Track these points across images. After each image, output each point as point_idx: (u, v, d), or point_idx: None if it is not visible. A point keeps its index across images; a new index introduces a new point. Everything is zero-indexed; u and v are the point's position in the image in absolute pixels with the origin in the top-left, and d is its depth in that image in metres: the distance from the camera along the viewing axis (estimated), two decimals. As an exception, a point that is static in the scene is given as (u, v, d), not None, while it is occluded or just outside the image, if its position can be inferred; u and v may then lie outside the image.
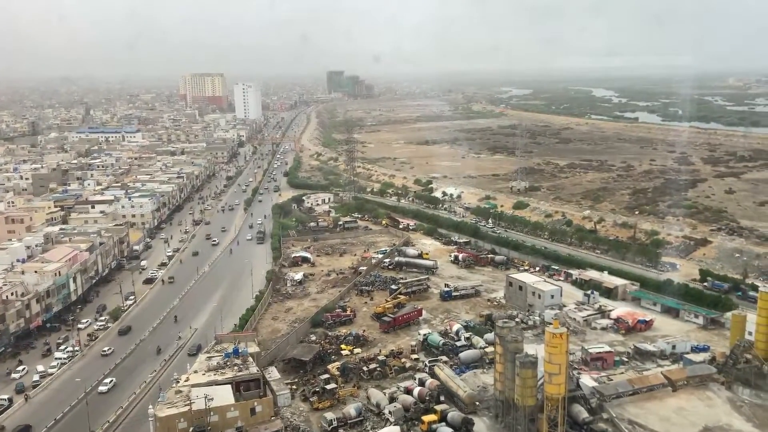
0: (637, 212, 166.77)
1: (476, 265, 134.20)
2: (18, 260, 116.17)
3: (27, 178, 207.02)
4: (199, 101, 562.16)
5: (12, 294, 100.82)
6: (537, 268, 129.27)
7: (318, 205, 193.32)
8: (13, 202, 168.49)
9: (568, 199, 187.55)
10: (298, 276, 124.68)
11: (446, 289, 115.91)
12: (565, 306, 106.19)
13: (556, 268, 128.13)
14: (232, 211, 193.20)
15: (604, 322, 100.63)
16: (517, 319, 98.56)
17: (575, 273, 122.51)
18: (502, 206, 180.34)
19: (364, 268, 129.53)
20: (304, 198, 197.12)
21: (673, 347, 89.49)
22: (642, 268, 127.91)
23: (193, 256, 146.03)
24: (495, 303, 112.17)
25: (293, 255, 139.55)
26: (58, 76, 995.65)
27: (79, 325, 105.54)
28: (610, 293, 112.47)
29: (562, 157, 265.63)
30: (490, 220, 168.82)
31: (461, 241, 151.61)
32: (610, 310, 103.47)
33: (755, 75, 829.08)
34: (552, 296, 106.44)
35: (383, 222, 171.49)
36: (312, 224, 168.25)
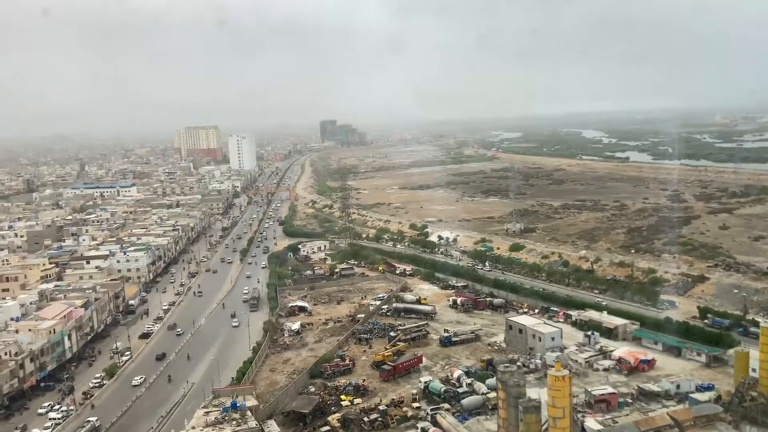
0: (633, 251, 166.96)
1: (475, 309, 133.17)
2: (12, 319, 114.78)
3: (22, 236, 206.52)
4: (194, 154, 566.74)
5: (6, 354, 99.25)
6: (536, 310, 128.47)
7: (314, 252, 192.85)
8: (7, 260, 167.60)
9: (564, 239, 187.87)
10: (296, 326, 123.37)
11: (446, 334, 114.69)
12: (566, 348, 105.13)
13: (555, 309, 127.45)
14: (229, 264, 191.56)
15: (606, 363, 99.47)
16: (518, 363, 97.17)
17: (574, 314, 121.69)
18: (498, 249, 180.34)
19: (362, 315, 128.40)
20: (299, 246, 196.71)
21: (678, 387, 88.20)
22: (641, 307, 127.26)
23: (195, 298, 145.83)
24: (495, 347, 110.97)
25: (290, 305, 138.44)
26: (53, 134, 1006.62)
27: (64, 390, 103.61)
28: (610, 333, 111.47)
29: (555, 198, 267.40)
30: (486, 263, 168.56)
31: (459, 285, 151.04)
32: (612, 351, 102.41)
33: (741, 112, 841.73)
34: (552, 338, 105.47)
35: (380, 268, 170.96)
36: (308, 272, 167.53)
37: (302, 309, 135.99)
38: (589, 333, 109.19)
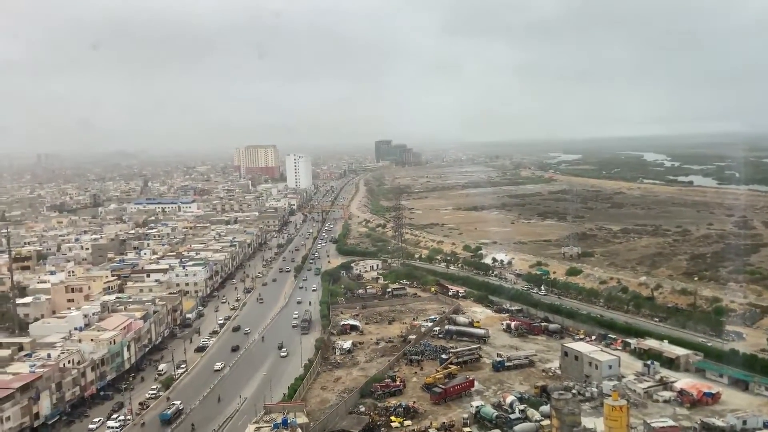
0: (696, 278, 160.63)
1: (529, 333, 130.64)
2: (76, 328, 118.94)
3: (87, 248, 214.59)
4: (253, 172, 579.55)
5: (69, 362, 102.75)
6: (593, 337, 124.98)
7: (366, 271, 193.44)
8: (73, 272, 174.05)
9: (623, 265, 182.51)
10: (347, 344, 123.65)
11: (499, 359, 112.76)
12: (623, 377, 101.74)
13: (613, 336, 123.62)
14: (281, 279, 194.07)
15: (667, 394, 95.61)
16: (573, 391, 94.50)
17: (633, 342, 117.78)
18: (554, 272, 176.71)
19: (414, 336, 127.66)
20: (352, 265, 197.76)
21: (744, 423, 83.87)
22: (704, 338, 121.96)
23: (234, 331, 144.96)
24: (550, 374, 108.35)
25: (342, 323, 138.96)
26: (118, 151, 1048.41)
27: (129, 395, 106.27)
28: (671, 364, 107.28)
29: (614, 222, 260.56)
30: (542, 287, 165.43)
31: (513, 308, 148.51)
32: (673, 382, 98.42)
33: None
34: (610, 366, 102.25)
35: (432, 289, 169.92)
36: (360, 291, 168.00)
37: (354, 328, 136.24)
38: (648, 362, 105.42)
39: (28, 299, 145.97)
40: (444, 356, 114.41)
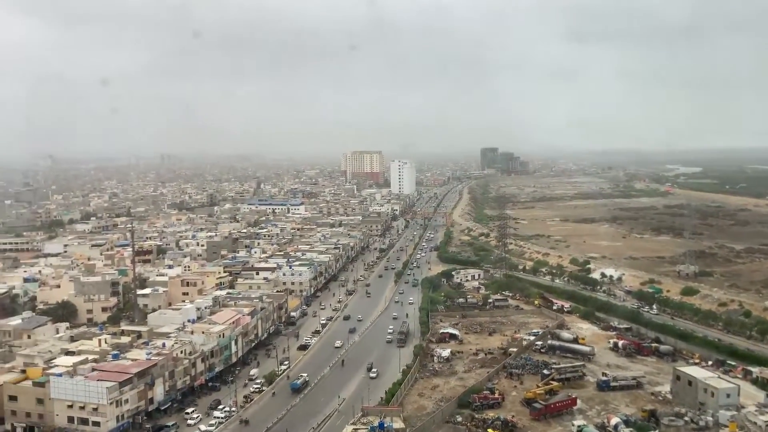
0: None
1: (638, 354, 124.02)
2: (189, 320, 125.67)
3: (202, 245, 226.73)
4: (358, 176, 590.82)
5: (182, 352, 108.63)
6: (709, 363, 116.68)
7: (467, 281, 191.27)
8: (188, 267, 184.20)
9: (746, 287, 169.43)
10: (446, 353, 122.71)
11: (604, 378, 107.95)
12: (743, 407, 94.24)
13: (733, 363, 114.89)
14: (382, 283, 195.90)
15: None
16: (686, 418, 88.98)
17: (755, 371, 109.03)
18: (667, 291, 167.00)
19: (515, 349, 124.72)
20: (453, 273, 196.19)
21: None
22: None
23: (344, 320, 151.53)
24: (660, 398, 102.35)
25: (441, 331, 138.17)
26: (235, 154, 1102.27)
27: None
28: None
29: (738, 240, 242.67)
30: (654, 306, 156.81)
31: (621, 327, 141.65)
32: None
33: None
34: (728, 395, 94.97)
35: (535, 302, 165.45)
36: (461, 300, 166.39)
37: (453, 336, 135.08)
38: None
39: (147, 290, 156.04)
40: (546, 371, 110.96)
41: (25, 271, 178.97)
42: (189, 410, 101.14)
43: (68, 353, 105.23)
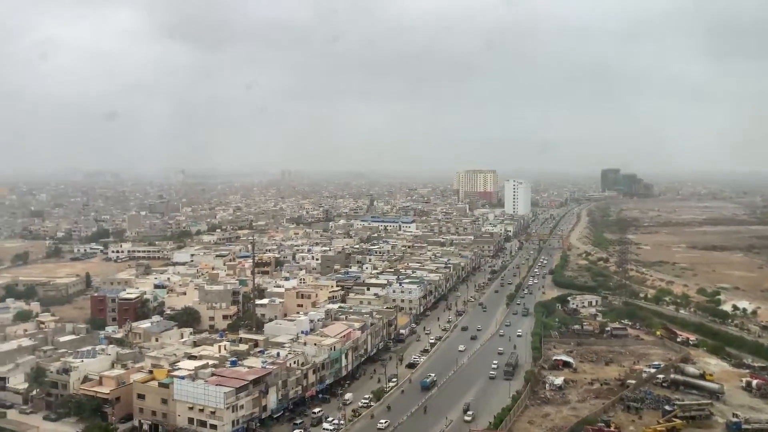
0: None
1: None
2: (302, 332, 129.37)
3: (317, 259, 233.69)
4: (471, 196, 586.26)
5: (294, 363, 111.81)
6: None
7: (584, 307, 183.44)
8: (304, 279, 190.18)
9: None
10: (559, 381, 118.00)
11: (735, 419, 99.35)
12: None
13: None
14: (493, 304, 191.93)
15: None
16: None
17: None
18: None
19: (633, 381, 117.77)
20: (569, 298, 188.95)
21: None
22: None
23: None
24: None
25: (554, 358, 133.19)
26: (350, 171, 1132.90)
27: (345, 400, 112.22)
28: None
29: None
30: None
31: (756, 365, 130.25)
32: None
33: None
34: None
35: (657, 333, 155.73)
36: (576, 327, 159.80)
37: (567, 364, 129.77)
38: None
39: (265, 301, 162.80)
40: (668, 407, 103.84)
41: (155, 278, 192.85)
42: (298, 421, 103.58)
43: (191, 357, 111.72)
